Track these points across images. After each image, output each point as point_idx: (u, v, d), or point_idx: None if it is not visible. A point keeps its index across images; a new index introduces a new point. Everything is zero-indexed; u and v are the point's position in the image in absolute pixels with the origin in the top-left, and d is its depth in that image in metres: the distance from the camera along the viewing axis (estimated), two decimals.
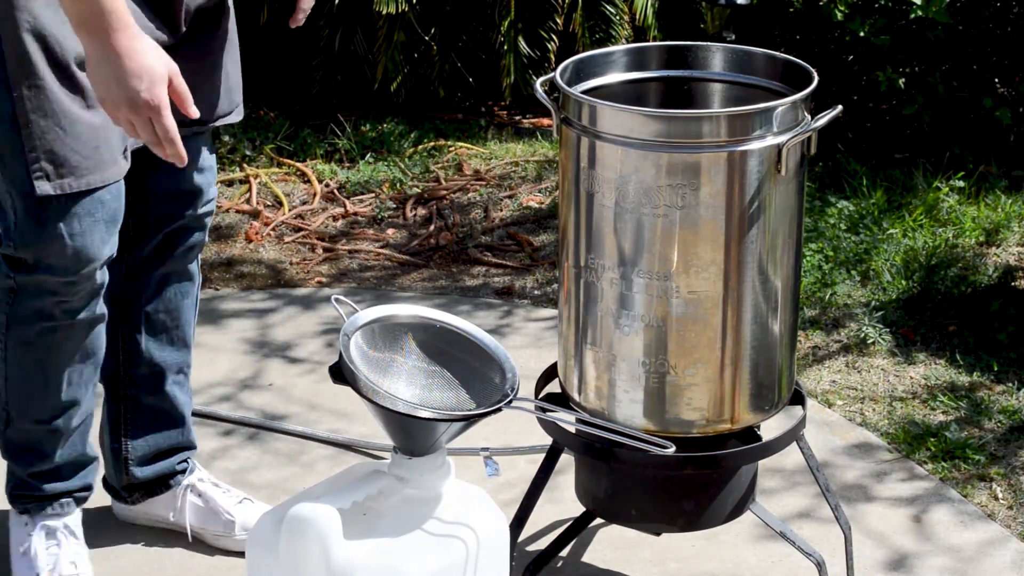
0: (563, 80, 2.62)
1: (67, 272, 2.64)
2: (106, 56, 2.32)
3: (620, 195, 2.53)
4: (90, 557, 2.88)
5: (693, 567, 3.00)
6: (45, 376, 2.75)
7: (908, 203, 4.51)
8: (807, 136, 2.56)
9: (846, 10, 4.80)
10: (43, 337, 2.71)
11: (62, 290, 2.66)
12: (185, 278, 2.95)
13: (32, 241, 2.62)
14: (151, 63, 2.33)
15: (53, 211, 2.60)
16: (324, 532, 2.28)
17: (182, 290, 2.94)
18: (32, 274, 2.65)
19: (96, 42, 2.32)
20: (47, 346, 2.72)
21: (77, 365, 2.76)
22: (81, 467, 2.88)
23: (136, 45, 2.32)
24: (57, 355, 2.74)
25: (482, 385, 2.46)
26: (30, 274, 2.65)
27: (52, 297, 2.67)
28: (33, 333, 2.71)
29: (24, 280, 2.67)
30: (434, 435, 2.38)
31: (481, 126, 5.33)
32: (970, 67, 4.96)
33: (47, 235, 2.60)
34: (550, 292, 4.19)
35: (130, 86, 2.32)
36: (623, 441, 2.45)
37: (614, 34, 5.22)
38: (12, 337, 2.73)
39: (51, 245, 2.61)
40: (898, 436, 3.44)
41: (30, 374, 2.76)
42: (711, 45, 2.78)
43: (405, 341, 2.48)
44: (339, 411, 3.53)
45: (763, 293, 2.59)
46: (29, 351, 2.73)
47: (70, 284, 2.66)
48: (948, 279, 4.08)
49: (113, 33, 2.30)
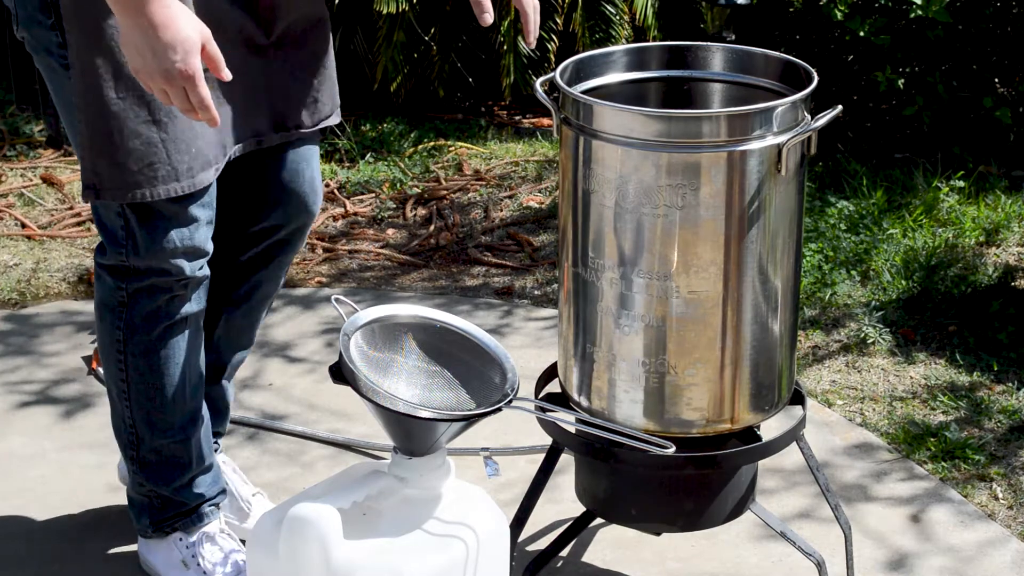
0: (563, 80, 2.62)
1: (181, 273, 2.67)
2: (139, 26, 2.29)
3: (620, 195, 2.53)
4: None
5: (693, 567, 3.00)
6: (171, 382, 2.75)
7: (908, 203, 4.51)
8: (807, 136, 2.56)
9: (846, 10, 4.80)
10: (164, 339, 2.73)
11: (176, 287, 2.69)
12: (272, 288, 2.95)
13: (146, 248, 2.63)
14: (186, 33, 2.31)
15: (162, 216, 2.62)
16: (324, 532, 2.28)
17: (266, 294, 2.95)
18: (145, 279, 2.67)
19: (128, 13, 2.29)
20: (168, 348, 2.74)
21: (195, 365, 2.79)
22: (210, 470, 2.89)
23: (169, 14, 2.30)
24: (178, 355, 2.75)
25: (482, 385, 2.46)
26: (143, 279, 2.67)
27: (166, 295, 2.69)
28: (154, 337, 2.72)
29: (137, 286, 2.68)
30: (434, 435, 2.38)
31: (481, 126, 5.33)
32: (970, 67, 4.96)
33: (160, 241, 2.62)
34: (550, 292, 4.19)
35: (166, 57, 2.29)
36: (623, 441, 2.45)
37: (614, 34, 5.22)
38: (131, 350, 2.74)
39: (163, 250, 2.63)
40: (898, 436, 3.44)
41: (155, 384, 2.76)
42: (711, 45, 2.78)
43: (405, 341, 2.48)
44: (339, 411, 3.53)
45: (763, 293, 2.59)
46: (152, 359, 2.74)
47: (183, 283, 2.69)
48: (948, 279, 4.08)
49: (146, 4, 2.28)
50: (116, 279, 2.69)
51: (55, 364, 3.78)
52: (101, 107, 2.54)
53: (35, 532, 3.11)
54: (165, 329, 2.72)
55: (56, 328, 3.97)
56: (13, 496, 3.23)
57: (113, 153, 2.56)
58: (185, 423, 2.80)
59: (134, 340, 2.72)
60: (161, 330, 2.72)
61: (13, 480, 3.29)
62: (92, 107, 2.54)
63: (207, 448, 2.87)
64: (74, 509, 3.18)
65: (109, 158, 2.56)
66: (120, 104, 2.50)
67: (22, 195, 4.76)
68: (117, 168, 2.56)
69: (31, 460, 3.37)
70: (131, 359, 2.74)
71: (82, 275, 4.26)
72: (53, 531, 3.10)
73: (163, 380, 2.75)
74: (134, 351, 2.73)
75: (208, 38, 2.35)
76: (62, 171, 4.94)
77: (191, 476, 2.85)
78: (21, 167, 4.96)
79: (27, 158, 5.05)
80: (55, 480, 3.29)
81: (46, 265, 4.31)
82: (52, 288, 4.20)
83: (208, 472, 2.88)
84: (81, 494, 3.23)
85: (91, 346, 3.85)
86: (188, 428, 2.81)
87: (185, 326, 2.74)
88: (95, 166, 2.57)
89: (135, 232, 2.64)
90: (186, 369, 2.77)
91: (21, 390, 3.66)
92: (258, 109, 2.70)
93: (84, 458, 3.37)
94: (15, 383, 3.70)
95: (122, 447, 2.84)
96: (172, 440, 2.80)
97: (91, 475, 3.30)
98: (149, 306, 2.70)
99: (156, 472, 2.83)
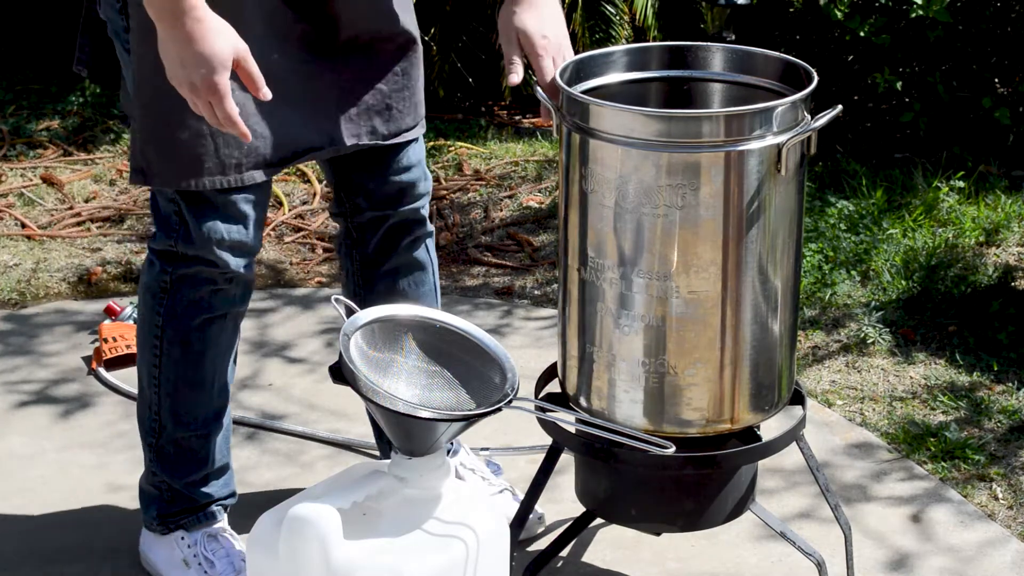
0: (563, 80, 2.62)
1: (226, 266, 2.70)
2: (172, 38, 2.34)
3: (620, 195, 2.52)
4: None
5: (693, 567, 3.00)
6: (202, 375, 2.78)
7: (908, 203, 4.51)
8: (807, 136, 2.56)
9: (846, 10, 4.80)
10: (202, 330, 2.76)
11: (220, 280, 2.72)
12: (416, 268, 2.94)
13: (194, 236, 2.67)
14: (214, 49, 2.35)
15: (212, 207, 2.65)
16: (324, 532, 2.28)
17: (415, 280, 2.95)
18: (191, 266, 2.71)
19: (165, 22, 2.35)
20: (205, 340, 2.77)
21: (229, 363, 2.81)
22: (224, 472, 2.91)
23: (203, 29, 2.33)
24: (214, 350, 2.78)
25: (482, 385, 2.46)
26: (189, 266, 2.71)
27: (209, 286, 2.72)
28: (192, 327, 2.75)
29: (183, 273, 2.72)
30: (434, 435, 2.38)
31: (481, 126, 5.33)
32: (970, 67, 4.96)
33: (207, 230, 2.66)
34: (550, 292, 4.19)
35: (194, 70, 2.35)
36: (623, 441, 2.45)
37: (614, 34, 5.22)
38: (168, 337, 2.76)
39: (210, 240, 2.67)
40: (898, 436, 3.44)
41: (187, 375, 2.78)
42: (711, 45, 2.78)
43: (405, 341, 2.48)
44: (339, 411, 3.53)
45: (763, 293, 2.59)
46: (188, 349, 2.76)
47: (227, 277, 2.72)
48: (948, 279, 4.08)
49: (179, 16, 2.33)
50: (163, 264, 2.73)
51: (55, 364, 3.78)
52: (155, 95, 2.57)
53: (35, 532, 3.11)
54: (204, 321, 2.76)
55: (56, 328, 3.97)
56: (13, 496, 3.23)
57: (162, 141, 2.60)
58: (209, 419, 2.82)
59: (172, 327, 2.76)
60: (200, 321, 2.75)
61: (13, 480, 3.29)
62: (147, 94, 2.58)
63: (225, 449, 2.89)
64: (74, 509, 3.18)
65: (158, 145, 2.61)
66: (173, 94, 2.52)
67: (22, 195, 4.76)
68: (165, 156, 2.61)
69: (31, 460, 3.37)
70: (167, 346, 2.77)
71: (82, 275, 4.26)
72: (53, 531, 3.10)
73: (194, 371, 2.78)
74: (171, 338, 2.76)
75: (244, 55, 2.39)
76: (62, 171, 4.94)
77: (205, 474, 2.86)
78: (21, 167, 4.96)
79: (27, 158, 5.05)
80: (55, 480, 3.29)
81: (46, 265, 4.31)
82: (52, 288, 4.20)
83: (222, 474, 2.90)
84: (81, 494, 3.23)
85: (91, 346, 3.85)
86: (211, 425, 2.83)
87: (224, 322, 2.78)
88: (145, 151, 2.63)
89: (186, 219, 2.68)
90: (218, 365, 2.80)
91: (20, 390, 3.66)
92: (329, 115, 2.71)
93: (84, 458, 3.37)
94: (15, 383, 3.70)
95: (143, 434, 2.86)
96: (193, 434, 2.82)
97: (91, 475, 3.30)
98: (191, 295, 2.73)
99: (172, 464, 2.85)
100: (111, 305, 3.91)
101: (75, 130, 5.27)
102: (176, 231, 2.70)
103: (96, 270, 4.29)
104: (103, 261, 4.35)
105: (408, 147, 2.84)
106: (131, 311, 3.88)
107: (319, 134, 2.71)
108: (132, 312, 3.88)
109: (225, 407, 2.85)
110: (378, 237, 2.89)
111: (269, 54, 2.57)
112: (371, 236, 2.90)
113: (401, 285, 2.93)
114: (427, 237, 2.94)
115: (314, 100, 2.68)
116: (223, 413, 2.85)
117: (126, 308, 3.89)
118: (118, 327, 3.80)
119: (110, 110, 5.35)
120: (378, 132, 2.76)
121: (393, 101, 2.76)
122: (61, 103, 5.44)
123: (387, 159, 2.82)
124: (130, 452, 3.37)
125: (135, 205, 4.71)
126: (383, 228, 2.89)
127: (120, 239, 4.51)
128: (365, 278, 2.93)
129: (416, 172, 2.87)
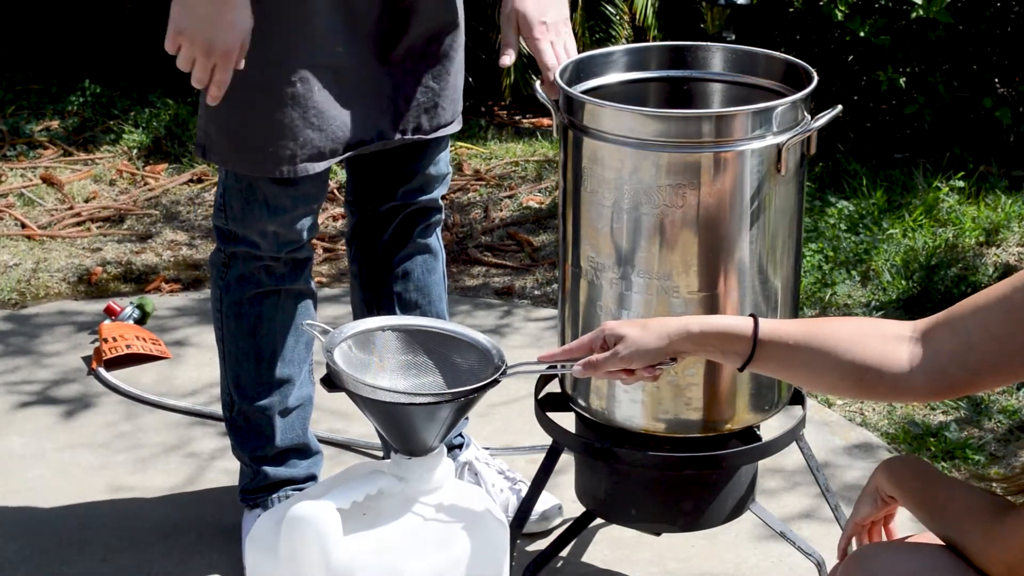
0: (563, 80, 2.62)
1: (269, 249, 2.78)
2: None
3: (620, 195, 2.53)
4: None
5: (693, 567, 3.00)
6: (257, 348, 2.84)
7: (908, 203, 4.51)
8: (807, 136, 2.56)
9: (846, 10, 4.80)
10: (253, 305, 2.82)
11: (267, 259, 2.79)
12: (427, 254, 2.98)
13: (239, 216, 2.76)
14: (244, 20, 2.46)
15: (258, 192, 2.72)
16: (324, 532, 2.28)
17: (427, 266, 2.99)
18: (240, 244, 2.79)
19: None
20: (257, 315, 2.83)
21: (288, 340, 2.85)
22: (305, 456, 2.95)
23: None
24: (268, 325, 2.84)
25: (471, 369, 2.44)
26: (238, 244, 2.79)
27: (258, 263, 2.80)
28: (244, 300, 2.82)
29: (234, 249, 2.80)
30: (435, 424, 2.36)
31: (481, 126, 5.33)
32: (970, 67, 4.96)
33: (251, 214, 2.74)
34: (550, 292, 4.19)
35: (221, 31, 2.44)
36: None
37: (614, 34, 5.22)
38: (226, 311, 2.84)
39: (254, 224, 2.75)
40: (898, 436, 3.44)
41: (243, 347, 2.85)
42: (711, 45, 2.78)
43: (388, 344, 2.47)
44: (339, 411, 3.53)
45: (763, 293, 2.59)
46: (241, 322, 2.83)
47: (274, 258, 2.79)
48: (948, 279, 4.08)
49: None
50: (221, 240, 2.83)
51: (55, 364, 3.78)
52: None
53: (35, 532, 3.11)
54: (256, 295, 2.82)
55: (56, 328, 3.97)
56: (13, 496, 3.23)
57: (222, 123, 2.69)
58: (269, 394, 2.87)
59: (227, 300, 2.84)
60: (252, 295, 2.82)
61: (13, 480, 3.29)
62: None
63: (300, 430, 2.93)
64: (74, 509, 3.18)
65: (218, 126, 2.70)
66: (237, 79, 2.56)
67: (22, 195, 4.77)
68: (223, 137, 2.70)
69: (31, 460, 3.37)
70: (225, 320, 2.86)
71: (82, 275, 4.26)
72: (53, 531, 3.11)
73: (248, 344, 2.85)
74: (228, 312, 2.85)
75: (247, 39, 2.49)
76: (62, 171, 4.94)
77: (276, 452, 2.91)
78: (21, 167, 4.96)
79: (27, 158, 5.06)
80: (55, 480, 3.29)
81: (46, 265, 4.31)
82: (52, 288, 4.20)
83: (299, 455, 2.94)
84: (81, 494, 3.23)
85: (91, 346, 3.85)
86: (273, 400, 2.88)
87: (278, 299, 2.83)
88: (207, 129, 2.73)
89: (232, 199, 2.76)
90: (273, 339, 2.85)
91: (21, 390, 3.67)
92: (382, 109, 2.76)
93: (84, 458, 3.37)
94: (15, 383, 3.70)
95: (223, 407, 2.95)
96: (255, 408, 2.88)
97: (91, 475, 3.30)
98: (243, 269, 2.81)
99: (243, 437, 2.92)
100: (111, 305, 3.91)
101: (75, 130, 5.28)
102: (224, 209, 2.79)
103: (96, 270, 4.29)
104: (103, 261, 4.36)
105: (442, 140, 2.89)
106: (131, 311, 3.89)
107: (370, 128, 2.76)
108: (132, 312, 3.88)
109: (290, 383, 2.89)
110: (395, 224, 2.94)
111: (333, 47, 2.65)
112: (389, 224, 2.94)
113: (413, 272, 2.97)
114: (438, 225, 2.99)
115: (369, 95, 2.73)
116: (288, 389, 2.89)
117: (126, 308, 3.90)
118: (118, 327, 3.80)
119: (110, 110, 5.35)
120: (422, 127, 2.80)
121: (440, 98, 2.80)
122: (61, 103, 5.44)
123: (421, 152, 2.87)
124: (131, 452, 3.38)
125: (135, 205, 4.71)
126: (401, 215, 2.93)
127: (120, 239, 4.51)
128: (377, 267, 2.96)
129: (442, 164, 2.91)
